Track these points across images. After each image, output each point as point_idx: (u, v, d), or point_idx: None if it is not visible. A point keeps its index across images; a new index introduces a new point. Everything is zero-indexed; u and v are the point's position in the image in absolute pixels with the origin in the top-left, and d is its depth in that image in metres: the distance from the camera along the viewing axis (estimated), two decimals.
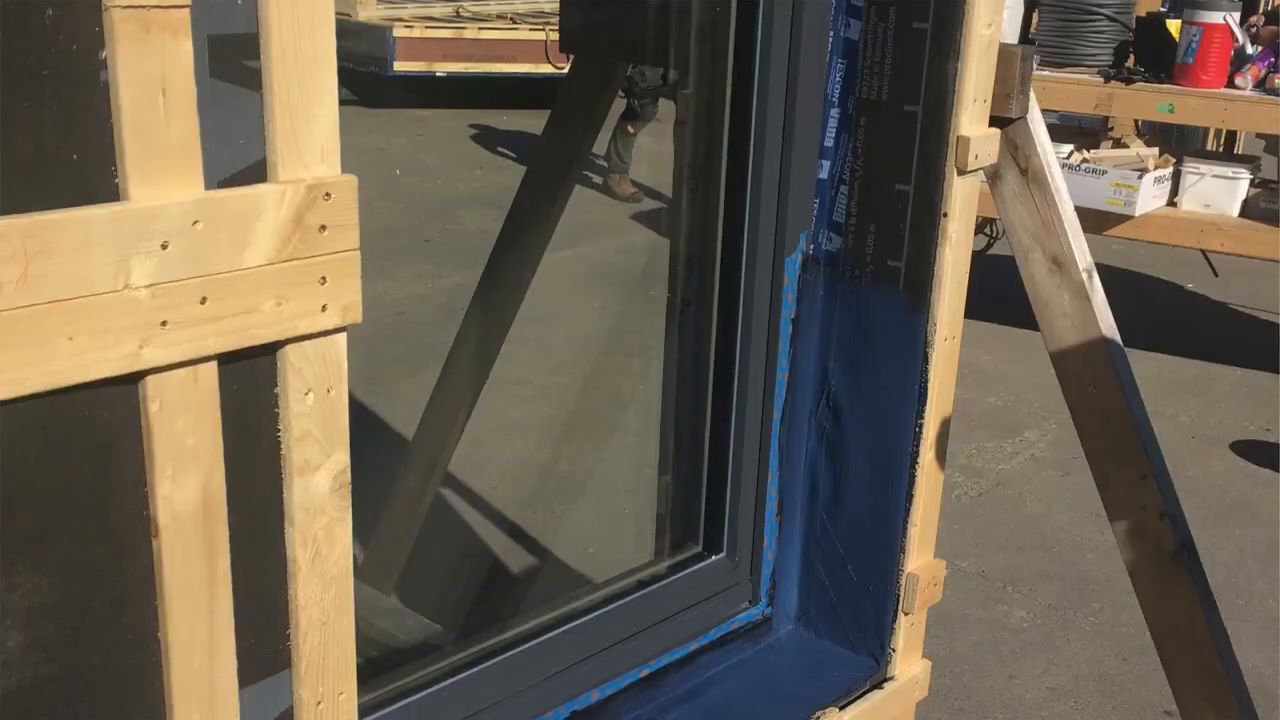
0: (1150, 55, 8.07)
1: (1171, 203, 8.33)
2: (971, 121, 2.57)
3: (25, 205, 1.33)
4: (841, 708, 2.75)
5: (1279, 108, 7.70)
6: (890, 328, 2.69)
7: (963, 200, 2.60)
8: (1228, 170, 8.27)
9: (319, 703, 1.72)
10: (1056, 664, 5.41)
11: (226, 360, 1.52)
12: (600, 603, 2.69)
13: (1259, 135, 10.40)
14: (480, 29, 14.24)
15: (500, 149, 13.04)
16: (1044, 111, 2.84)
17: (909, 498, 2.74)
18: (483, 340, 3.92)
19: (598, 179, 11.46)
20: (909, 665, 2.89)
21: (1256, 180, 8.30)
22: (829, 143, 2.70)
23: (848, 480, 2.81)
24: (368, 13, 14.04)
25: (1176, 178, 8.30)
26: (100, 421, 1.45)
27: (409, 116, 14.09)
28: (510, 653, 2.50)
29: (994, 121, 2.64)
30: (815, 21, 2.58)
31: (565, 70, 3.85)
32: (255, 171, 1.52)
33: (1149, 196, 8.08)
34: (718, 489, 2.84)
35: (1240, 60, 7.86)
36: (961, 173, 2.57)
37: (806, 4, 2.55)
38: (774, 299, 2.74)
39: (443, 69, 14.02)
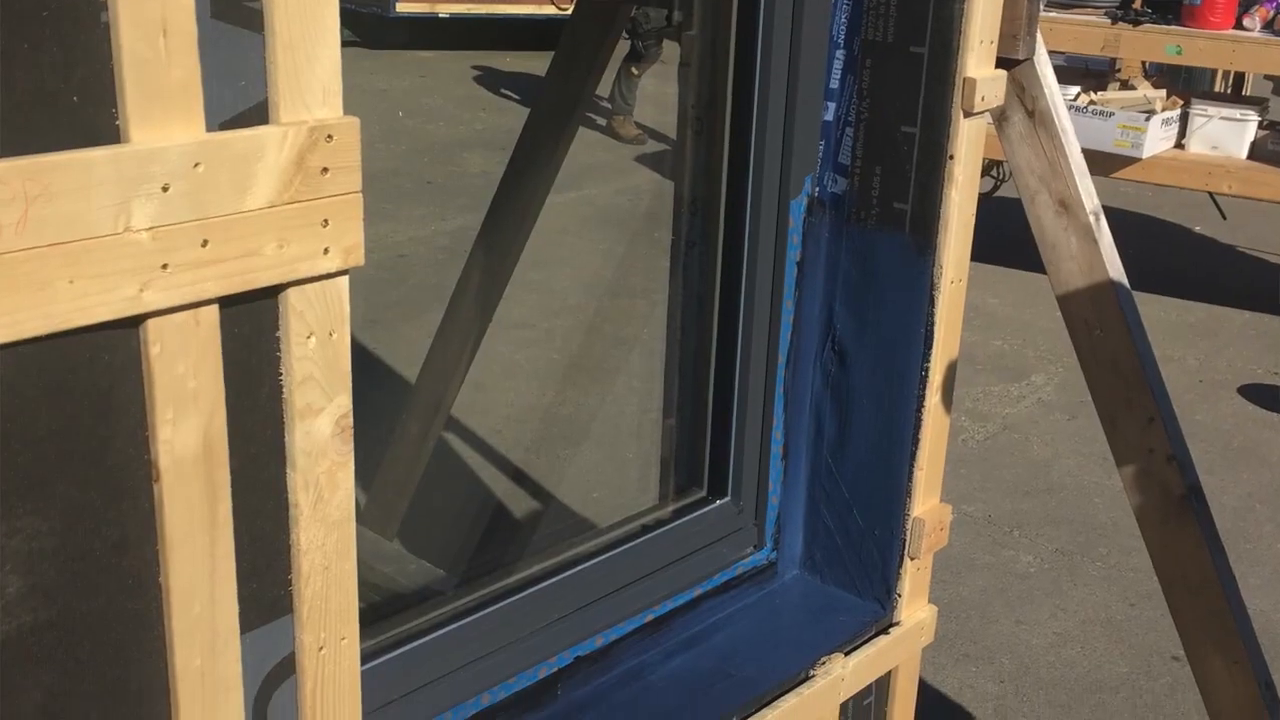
0: None
1: (1179, 145, 8.31)
2: (978, 63, 2.55)
3: (25, 147, 1.32)
4: (846, 653, 2.75)
5: None
6: (896, 271, 2.68)
7: (969, 142, 2.59)
8: (1236, 112, 8.24)
9: (321, 648, 1.72)
10: (1063, 609, 5.41)
11: (228, 303, 1.51)
12: (604, 547, 2.69)
13: (1267, 77, 10.39)
14: None
15: (503, 91, 13.01)
16: (1051, 53, 2.82)
17: (914, 442, 2.73)
18: (486, 283, 3.91)
19: (601, 121, 11.43)
20: (915, 610, 2.88)
21: (1264, 122, 8.28)
22: (834, 84, 2.68)
23: (853, 424, 2.80)
24: None
25: (1184, 120, 8.28)
26: (100, 365, 1.43)
27: (412, 58, 14.05)
28: (514, 598, 2.49)
29: (1000, 63, 2.62)
30: None
31: (569, 11, 3.83)
32: (257, 113, 1.50)
33: (1156, 138, 8.05)
34: (722, 433, 2.84)
35: (1248, 1, 7.83)
36: (968, 115, 2.56)
37: None
38: (779, 242, 2.72)
39: (445, 10, 13.99)
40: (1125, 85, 8.60)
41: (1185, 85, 9.69)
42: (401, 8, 13.76)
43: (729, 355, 2.79)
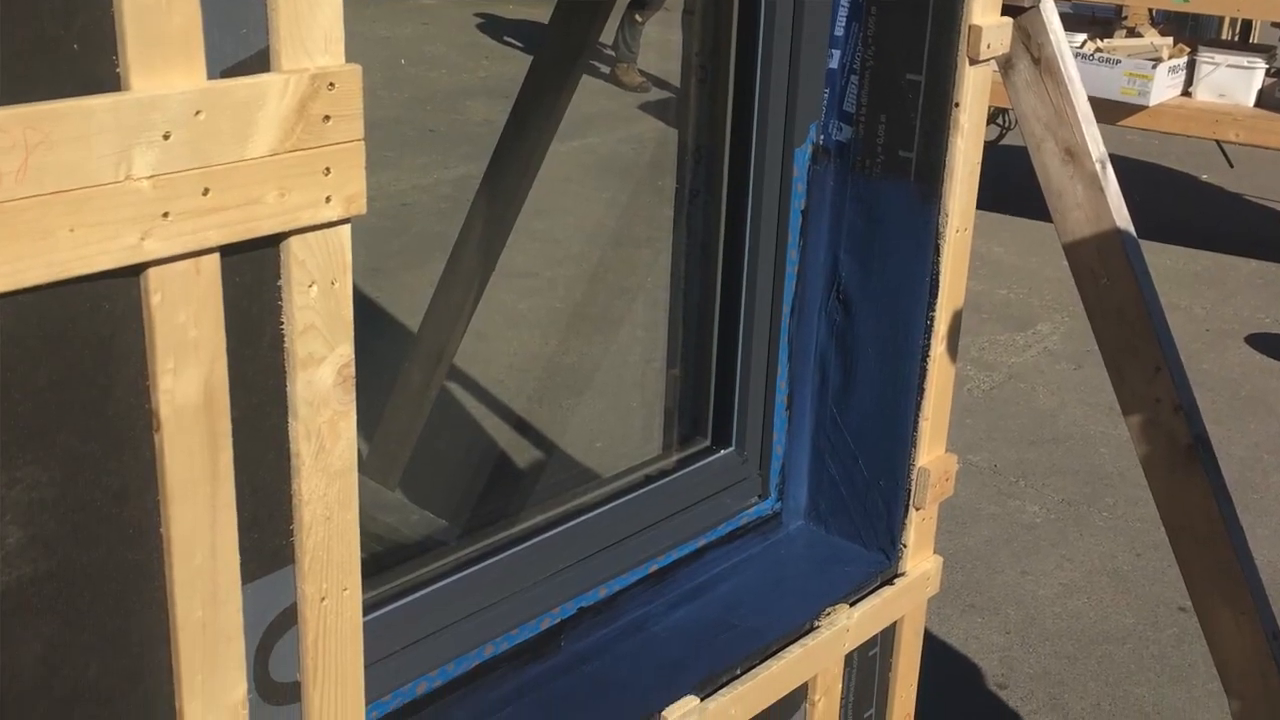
0: None
1: (1186, 93, 8.28)
2: (983, 10, 2.53)
3: (26, 95, 1.31)
4: (852, 604, 2.74)
5: None
6: (901, 219, 2.67)
7: (974, 90, 2.57)
8: (1243, 60, 8.22)
9: (323, 598, 1.71)
10: (1069, 559, 5.42)
11: (229, 252, 1.50)
12: (607, 498, 2.68)
13: (1275, 24, 10.34)
14: None
15: (507, 38, 12.95)
16: (1057, 0, 2.80)
17: (920, 391, 2.72)
18: (488, 232, 3.89)
19: (605, 69, 11.38)
20: (920, 561, 2.88)
21: (1272, 70, 8.25)
22: (839, 32, 2.66)
23: (858, 374, 2.79)
24: None
25: (1191, 67, 8.26)
26: (101, 314, 1.43)
27: (414, 5, 13.98)
28: (516, 548, 2.49)
29: (1006, 10, 2.60)
30: None
31: None
32: (258, 61, 1.49)
33: (1163, 86, 8.03)
34: (726, 382, 2.83)
35: None
36: (973, 62, 2.54)
37: None
38: (783, 190, 2.71)
39: None
40: (1132, 33, 8.57)
41: (1192, 33, 9.65)
42: None
43: (733, 304, 2.78)
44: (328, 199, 1.56)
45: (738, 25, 2.64)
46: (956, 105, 2.56)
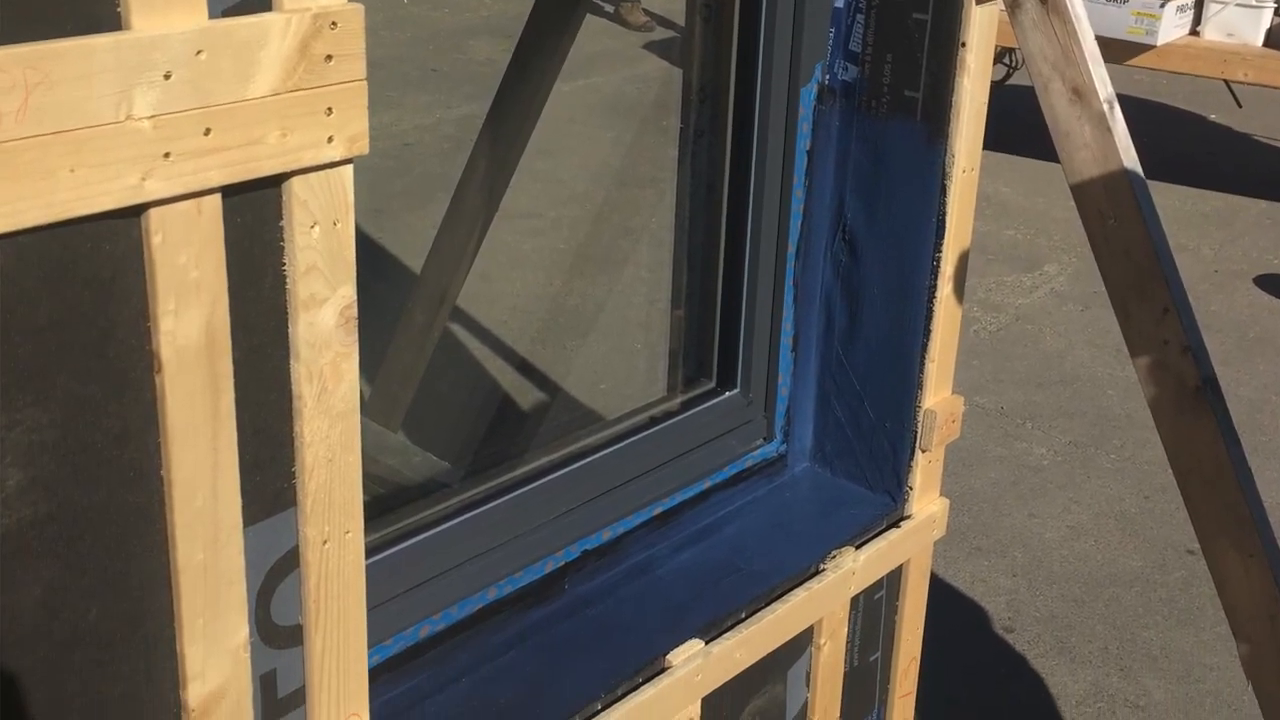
0: None
1: (1194, 32, 8.24)
2: None
3: (25, 35, 1.30)
4: (857, 547, 2.74)
5: None
6: (907, 159, 2.66)
7: (981, 29, 2.56)
8: None
9: (325, 541, 1.71)
10: (1077, 502, 5.42)
11: (230, 193, 1.50)
12: (612, 439, 2.68)
13: None
14: None
15: None
16: None
17: (926, 333, 2.71)
18: (492, 172, 3.88)
19: (609, 7, 11.33)
20: (926, 503, 2.87)
21: None
22: None
23: (864, 315, 2.78)
24: None
25: (1199, 6, 8.21)
26: (102, 255, 1.42)
27: None
28: (520, 490, 2.49)
29: None
30: None
31: None
32: (259, 0, 1.48)
33: (1171, 26, 7.99)
34: (731, 323, 2.82)
35: None
36: (980, 1, 2.53)
37: None
38: (789, 130, 2.70)
39: None
40: None
41: None
42: None
43: (738, 245, 2.77)
44: (330, 139, 1.56)
45: None
46: (963, 45, 2.55)
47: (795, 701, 2.74)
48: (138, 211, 1.42)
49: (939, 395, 2.79)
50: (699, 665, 2.42)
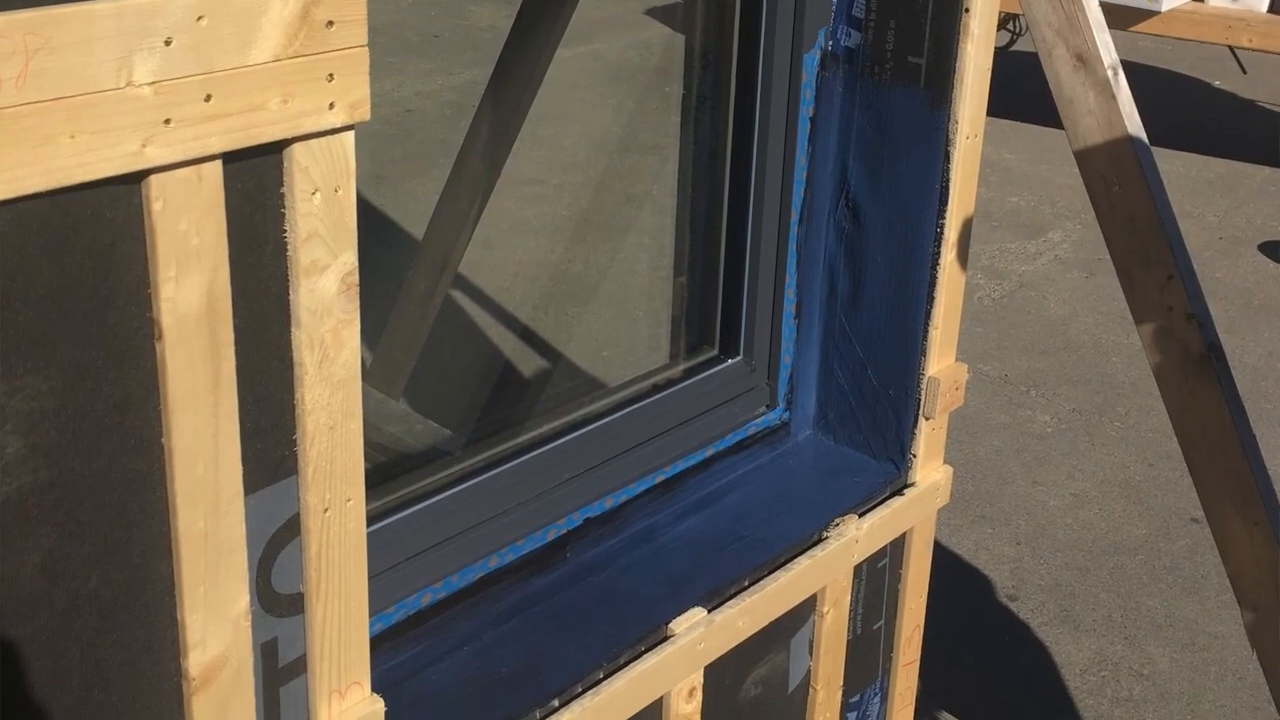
0: None
1: None
2: None
3: (26, 0, 1.30)
4: (860, 515, 2.74)
5: None
6: (910, 126, 2.65)
7: None
8: None
9: (326, 509, 1.71)
10: (1081, 470, 5.41)
11: (231, 159, 1.50)
12: (614, 407, 2.67)
13: None
14: None
15: None
16: None
17: (930, 300, 2.70)
18: (494, 139, 3.86)
19: None
20: (930, 471, 2.87)
21: None
22: None
23: (867, 282, 2.78)
24: None
25: None
26: (102, 222, 1.42)
27: None
28: (522, 458, 2.48)
29: None
30: None
31: None
32: None
33: None
34: (734, 291, 2.81)
35: None
36: None
37: None
38: (792, 96, 2.69)
39: None
40: None
41: None
42: None
43: (741, 212, 2.76)
44: (331, 105, 1.56)
45: None
46: (966, 11, 2.54)
47: (798, 670, 2.74)
48: (138, 178, 1.42)
49: (942, 362, 2.78)
50: (701, 634, 2.42)
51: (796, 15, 2.64)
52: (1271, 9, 8.07)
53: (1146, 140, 2.78)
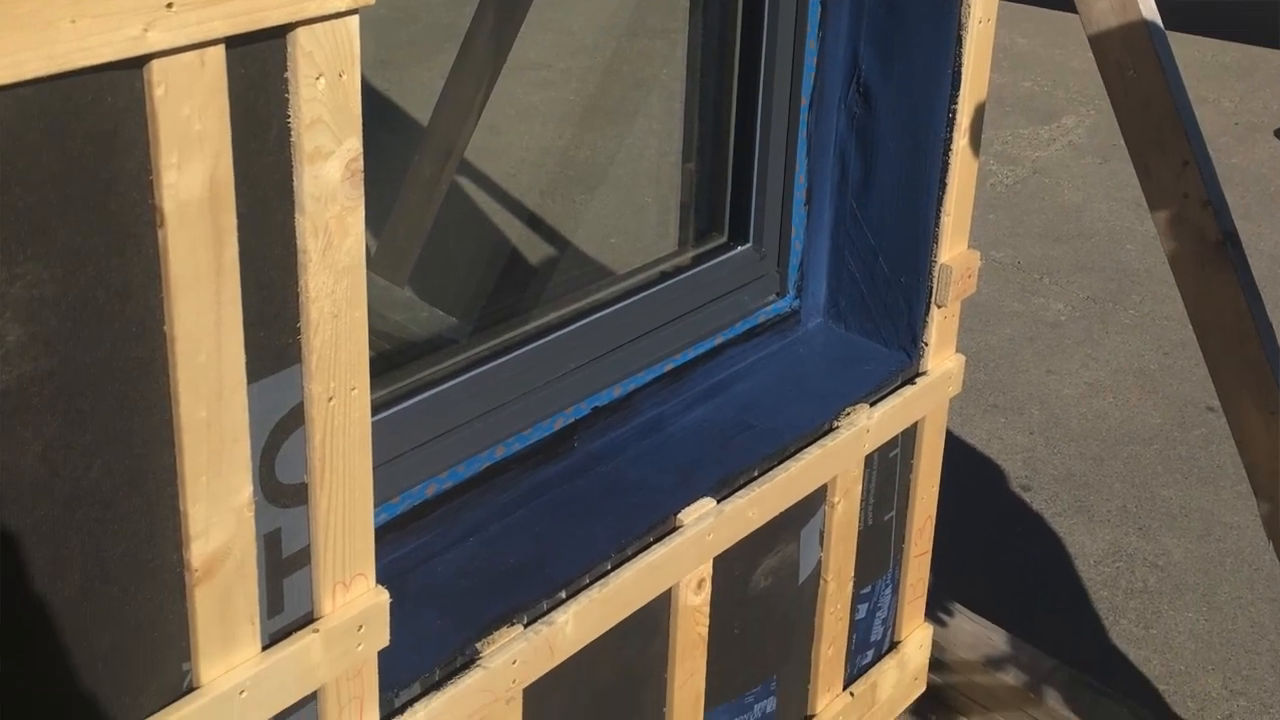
0: None
1: None
2: None
3: None
4: (871, 403, 2.73)
5: None
6: (923, 9, 2.64)
7: None
8: None
9: (330, 398, 1.70)
10: (1095, 358, 5.40)
11: (234, 44, 1.48)
12: (622, 295, 2.66)
13: None
14: None
15: None
16: None
17: (941, 186, 2.68)
18: (500, 22, 3.83)
19: None
20: (942, 360, 2.85)
21: None
22: None
23: (878, 168, 2.75)
24: None
25: None
26: (104, 107, 1.41)
27: None
28: (529, 346, 2.47)
29: None
30: None
31: None
32: None
33: None
34: (743, 176, 2.79)
35: None
36: None
37: None
38: None
39: None
40: None
41: None
42: None
43: (750, 97, 2.73)
44: None
45: None
46: None
47: (809, 561, 2.74)
48: (140, 63, 1.40)
49: (955, 250, 2.76)
50: (710, 524, 2.41)
51: None
52: None
53: (1161, 24, 2.75)
